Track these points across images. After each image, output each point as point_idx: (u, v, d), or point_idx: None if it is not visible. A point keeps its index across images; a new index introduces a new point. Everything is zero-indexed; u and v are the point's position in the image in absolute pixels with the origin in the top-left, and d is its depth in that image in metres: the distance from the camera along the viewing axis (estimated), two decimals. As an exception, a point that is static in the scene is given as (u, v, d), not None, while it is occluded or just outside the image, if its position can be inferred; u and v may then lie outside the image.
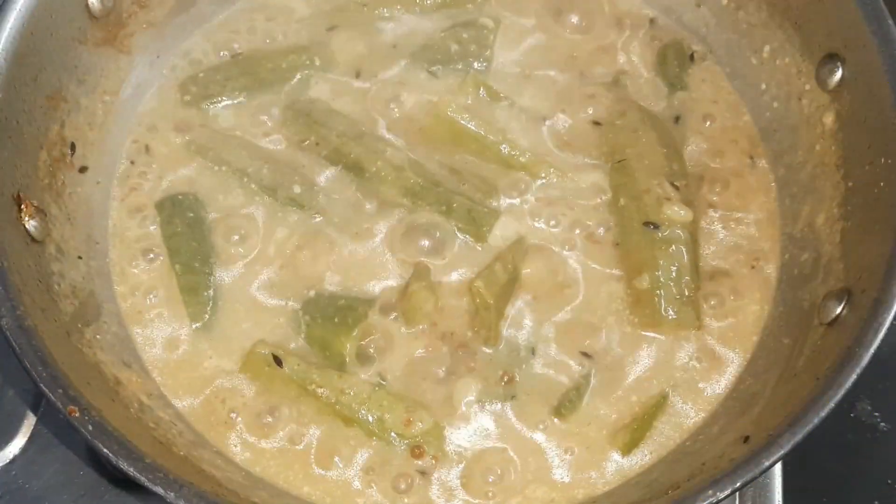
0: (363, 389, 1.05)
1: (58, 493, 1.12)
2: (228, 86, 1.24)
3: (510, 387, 1.08)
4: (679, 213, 1.12)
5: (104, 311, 1.09)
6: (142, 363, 1.09)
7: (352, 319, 1.10)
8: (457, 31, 1.28)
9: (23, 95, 1.05)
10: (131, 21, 1.21)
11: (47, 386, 0.90)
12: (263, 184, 1.18)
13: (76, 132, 1.15)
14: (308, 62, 1.26)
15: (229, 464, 1.04)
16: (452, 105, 1.18)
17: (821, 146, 1.13)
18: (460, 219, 1.15)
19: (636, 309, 1.11)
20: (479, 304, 1.10)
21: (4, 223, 0.99)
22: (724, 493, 0.88)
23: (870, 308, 0.94)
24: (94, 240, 1.14)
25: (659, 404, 1.07)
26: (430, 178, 1.17)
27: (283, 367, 1.06)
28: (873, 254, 0.99)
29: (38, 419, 1.15)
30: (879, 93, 1.03)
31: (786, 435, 0.89)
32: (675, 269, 1.10)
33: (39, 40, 1.07)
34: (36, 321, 0.94)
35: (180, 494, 0.87)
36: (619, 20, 1.30)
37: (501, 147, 1.18)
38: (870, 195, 1.03)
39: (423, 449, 1.04)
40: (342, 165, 1.19)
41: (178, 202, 1.17)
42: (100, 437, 0.89)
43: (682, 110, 1.24)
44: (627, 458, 1.05)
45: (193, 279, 1.13)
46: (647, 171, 1.16)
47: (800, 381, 0.98)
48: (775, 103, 1.21)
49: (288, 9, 1.31)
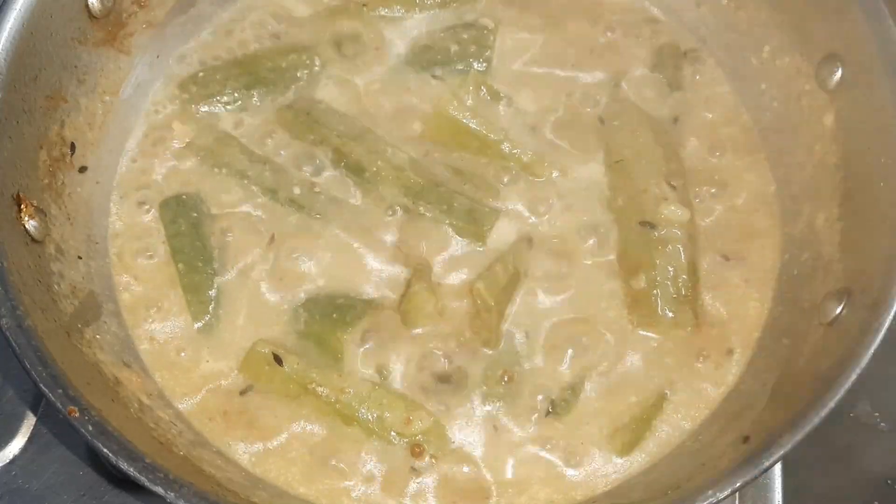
0: (363, 388, 1.05)
1: (58, 493, 1.12)
2: (228, 85, 1.24)
3: (510, 386, 1.08)
4: (676, 213, 1.12)
5: (104, 311, 1.09)
6: (142, 363, 1.09)
7: (350, 317, 1.10)
8: (457, 31, 1.28)
9: (23, 95, 1.05)
10: (131, 21, 1.21)
11: (47, 386, 0.90)
12: (264, 184, 1.18)
13: (76, 132, 1.14)
14: (308, 62, 1.26)
15: (229, 464, 1.04)
16: (453, 104, 1.18)
17: (821, 146, 1.13)
18: (461, 218, 1.15)
19: (634, 309, 1.11)
20: (480, 306, 1.10)
21: (4, 223, 0.99)
22: (723, 494, 0.88)
23: (870, 308, 0.94)
24: (93, 240, 1.14)
25: (658, 404, 1.07)
26: (431, 177, 1.17)
27: (283, 366, 1.06)
28: (873, 254, 0.99)
29: (38, 419, 1.15)
30: (879, 93, 1.03)
31: (786, 435, 0.90)
32: (672, 269, 1.10)
33: (39, 40, 1.07)
34: (36, 321, 0.94)
35: (180, 494, 0.87)
36: (620, 20, 1.30)
37: (502, 146, 1.18)
38: (869, 195, 1.03)
39: (422, 448, 1.04)
40: (343, 165, 1.19)
41: (182, 202, 1.17)
42: (100, 437, 0.89)
43: (680, 110, 1.24)
44: (627, 459, 1.05)
45: (196, 279, 1.13)
46: (645, 171, 1.16)
47: (800, 381, 0.98)
48: (775, 103, 1.21)
49: (288, 9, 1.31)
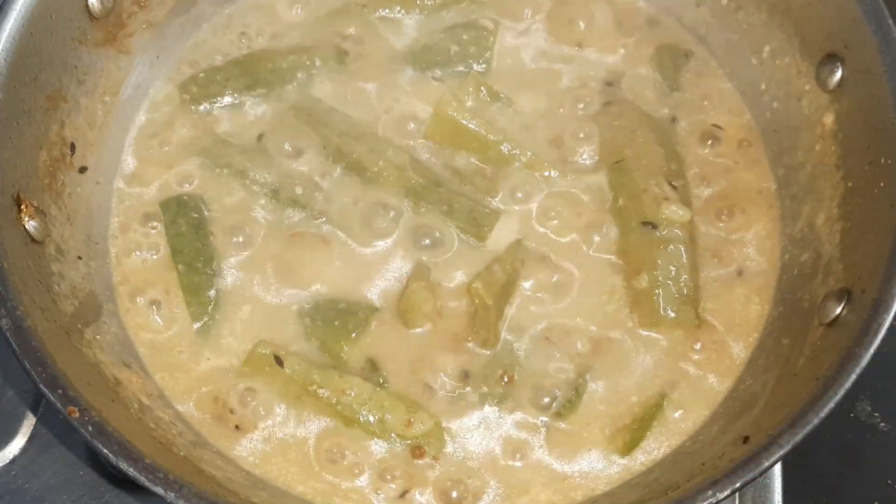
0: (364, 390, 1.05)
1: (58, 494, 1.12)
2: (229, 86, 1.24)
3: (510, 387, 1.08)
4: (677, 213, 1.12)
5: (104, 311, 1.09)
6: (142, 363, 1.09)
7: (352, 324, 1.10)
8: (457, 32, 1.28)
9: (23, 95, 1.05)
10: (131, 21, 1.21)
11: (47, 386, 0.90)
12: (265, 185, 1.18)
13: (76, 132, 1.14)
14: (308, 62, 1.26)
15: (229, 464, 1.04)
16: (453, 104, 1.18)
17: (821, 146, 1.13)
18: (461, 219, 1.15)
19: (635, 308, 1.11)
20: (478, 305, 1.10)
21: (4, 223, 0.99)
22: (723, 494, 0.88)
23: (870, 308, 0.94)
24: (93, 240, 1.14)
25: (658, 404, 1.07)
26: (432, 177, 1.17)
27: (283, 368, 1.06)
28: (873, 254, 0.99)
29: (38, 419, 1.15)
30: (879, 93, 1.03)
31: (786, 435, 0.89)
32: (673, 269, 1.10)
33: (39, 40, 1.07)
34: (35, 321, 0.94)
35: (180, 494, 0.87)
36: (619, 20, 1.30)
37: (503, 146, 1.18)
38: (869, 195, 1.03)
39: (423, 449, 1.04)
40: (344, 165, 1.19)
41: (182, 202, 1.17)
42: (99, 437, 0.89)
43: (680, 110, 1.24)
44: (627, 459, 1.05)
45: (196, 279, 1.13)
46: (645, 172, 1.16)
47: (800, 381, 0.98)
48: (775, 103, 1.21)
49: (288, 9, 1.31)
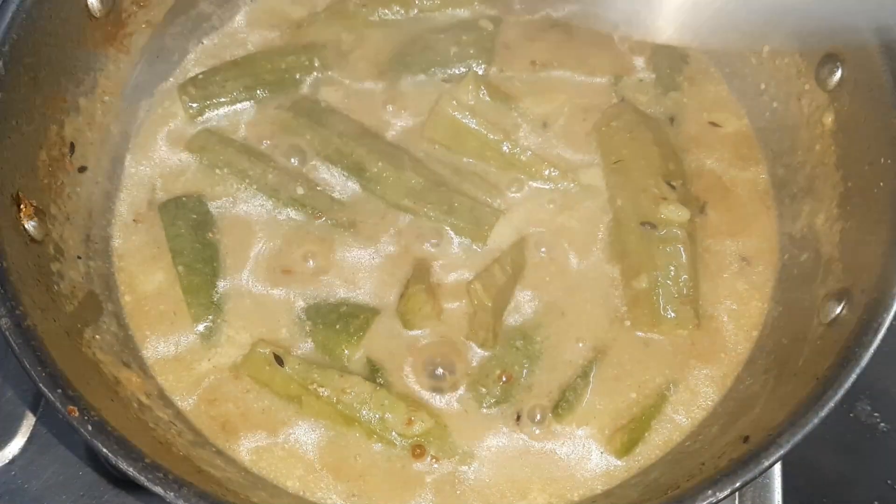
0: (364, 389, 1.05)
1: (57, 493, 1.12)
2: (228, 87, 1.24)
3: (508, 387, 1.08)
4: (676, 213, 1.12)
5: (104, 311, 1.09)
6: (141, 363, 1.09)
7: (353, 327, 1.10)
8: (456, 32, 1.27)
9: (23, 95, 1.05)
10: (131, 21, 1.21)
11: (46, 386, 0.90)
12: (265, 185, 1.18)
13: (76, 132, 1.14)
14: (308, 63, 1.26)
15: (229, 464, 1.04)
16: (454, 104, 1.18)
17: (820, 146, 1.13)
18: (462, 219, 1.15)
19: (635, 309, 1.11)
20: (477, 306, 1.10)
21: (4, 223, 0.99)
22: (723, 493, 0.88)
23: (870, 308, 0.94)
24: (93, 240, 1.14)
25: (658, 404, 1.07)
26: (432, 177, 1.17)
27: (283, 367, 1.06)
28: (873, 254, 0.98)
29: (38, 419, 1.16)
30: (879, 93, 1.03)
31: (786, 435, 0.89)
32: (672, 269, 1.10)
33: (39, 40, 1.06)
34: (35, 321, 0.94)
35: (180, 494, 0.87)
36: (619, 21, 1.30)
37: (502, 146, 1.18)
38: (869, 195, 1.03)
39: (423, 449, 1.04)
40: (344, 166, 1.19)
41: (182, 203, 1.17)
42: (99, 437, 0.89)
43: (679, 110, 1.24)
44: (626, 459, 1.05)
45: (196, 280, 1.13)
46: (644, 172, 1.16)
47: (800, 381, 0.98)
48: (775, 103, 1.21)
49: (287, 10, 1.31)
